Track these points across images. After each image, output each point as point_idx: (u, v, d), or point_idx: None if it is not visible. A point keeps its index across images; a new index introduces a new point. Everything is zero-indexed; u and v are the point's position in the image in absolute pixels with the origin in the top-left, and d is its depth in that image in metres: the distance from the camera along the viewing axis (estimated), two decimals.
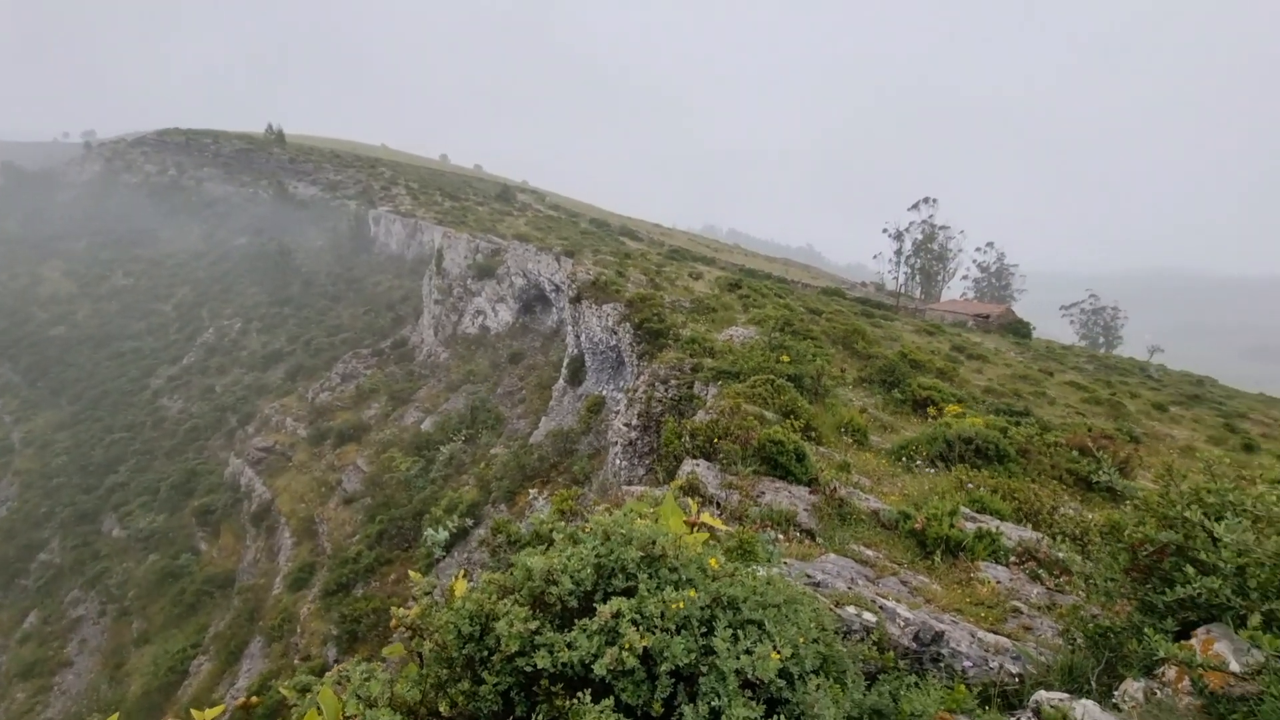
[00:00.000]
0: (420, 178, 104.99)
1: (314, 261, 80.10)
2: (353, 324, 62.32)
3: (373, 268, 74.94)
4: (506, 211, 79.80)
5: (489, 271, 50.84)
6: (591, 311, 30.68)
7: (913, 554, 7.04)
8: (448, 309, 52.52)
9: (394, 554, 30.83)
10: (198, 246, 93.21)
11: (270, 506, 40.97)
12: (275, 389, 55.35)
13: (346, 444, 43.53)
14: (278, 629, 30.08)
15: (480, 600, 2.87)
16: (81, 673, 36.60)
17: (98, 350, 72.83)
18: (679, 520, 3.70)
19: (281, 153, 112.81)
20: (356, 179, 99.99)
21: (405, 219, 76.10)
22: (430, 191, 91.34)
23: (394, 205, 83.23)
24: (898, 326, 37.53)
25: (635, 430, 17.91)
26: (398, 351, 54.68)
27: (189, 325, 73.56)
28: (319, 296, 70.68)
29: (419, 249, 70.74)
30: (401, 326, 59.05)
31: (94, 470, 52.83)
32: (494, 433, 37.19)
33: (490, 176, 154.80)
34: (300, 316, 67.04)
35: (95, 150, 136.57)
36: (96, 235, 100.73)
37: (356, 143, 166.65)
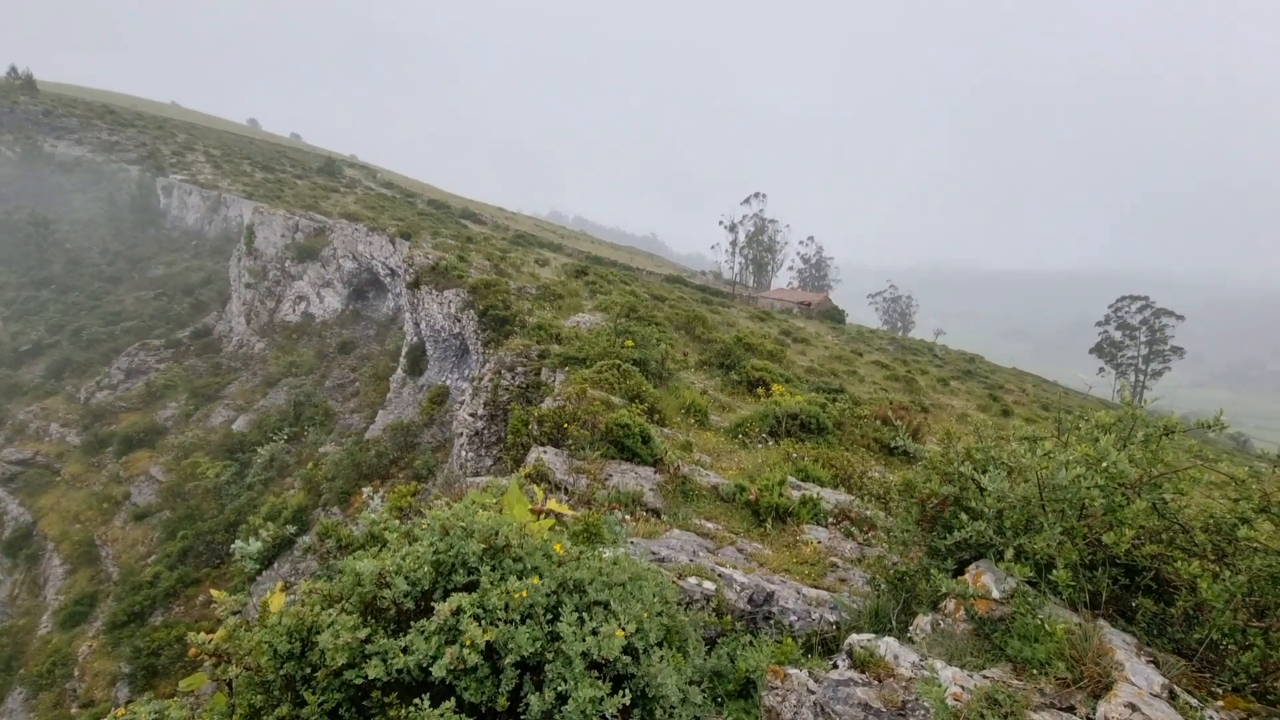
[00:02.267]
0: (224, 144, 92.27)
1: (82, 235, 67.27)
2: (139, 310, 53.39)
3: (164, 245, 64.69)
4: (332, 188, 72.81)
5: (312, 253, 46.14)
6: (432, 298, 29.11)
7: (748, 523, 7.58)
8: (262, 294, 46.90)
9: (202, 572, 27.15)
10: None
11: (31, 531, 34.11)
12: (33, 389, 45.92)
13: (135, 450, 37.39)
14: (46, 675, 25.22)
15: (300, 614, 2.59)
16: None
17: None
18: (524, 509, 3.62)
19: (31, 103, 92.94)
20: (139, 140, 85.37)
21: (206, 190, 66.45)
22: (237, 160, 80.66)
23: (190, 174, 72.30)
24: (734, 313, 40.08)
25: (482, 420, 17.37)
26: (200, 342, 47.87)
27: None
28: (91, 278, 59.58)
29: (224, 225, 62.26)
30: (204, 314, 51.74)
31: None
32: (323, 429, 34.06)
33: (310, 148, 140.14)
34: (65, 301, 56.06)
35: None
36: None
37: (137, 98, 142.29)
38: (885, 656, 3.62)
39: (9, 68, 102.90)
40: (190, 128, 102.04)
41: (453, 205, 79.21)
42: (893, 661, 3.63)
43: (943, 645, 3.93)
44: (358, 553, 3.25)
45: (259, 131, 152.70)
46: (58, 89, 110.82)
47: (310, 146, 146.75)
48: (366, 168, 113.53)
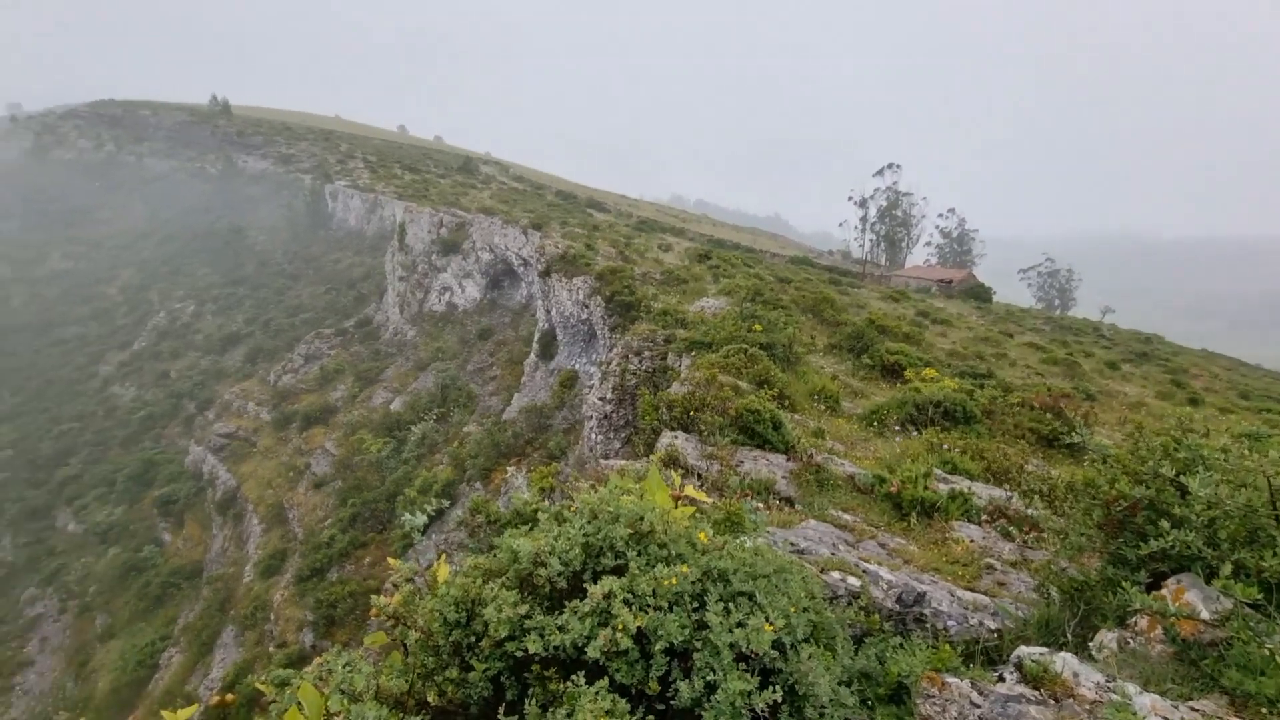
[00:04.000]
0: (378, 150, 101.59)
1: (269, 239, 77.29)
2: (313, 303, 60.55)
3: (331, 244, 72.67)
4: (470, 184, 77.88)
5: (454, 246, 49.73)
6: (561, 285, 30.31)
7: (889, 516, 7.17)
8: (413, 286, 51.34)
9: (368, 537, 30.50)
10: (141, 226, 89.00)
11: (236, 494, 40.06)
12: (235, 372, 53.72)
13: (313, 427, 42.61)
14: (250, 617, 29.65)
15: (465, 585, 2.77)
16: (44, 671, 35.64)
17: (38, 337, 69.44)
18: (664, 495, 3.64)
19: (228, 125, 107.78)
20: (311, 152, 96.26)
21: (364, 193, 73.71)
22: (389, 164, 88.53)
23: (352, 179, 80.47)
24: (864, 294, 38.00)
25: (610, 404, 17.86)
26: (362, 331, 53.42)
27: (138, 309, 70.56)
28: (276, 275, 68.38)
29: (380, 224, 68.73)
30: (365, 305, 57.59)
31: (43, 464, 50.77)
32: (466, 411, 36.79)
33: (451, 148, 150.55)
34: (257, 297, 64.86)
35: (23, 124, 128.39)
36: (29, 215, 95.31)
37: (308, 114, 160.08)
38: (1063, 674, 3.25)
39: (210, 96, 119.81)
40: (351, 137, 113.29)
41: (578, 195, 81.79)
42: (1072, 680, 3.26)
43: (1134, 667, 3.46)
44: (511, 531, 3.43)
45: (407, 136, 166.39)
46: (247, 111, 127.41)
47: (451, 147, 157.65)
48: (500, 164, 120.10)
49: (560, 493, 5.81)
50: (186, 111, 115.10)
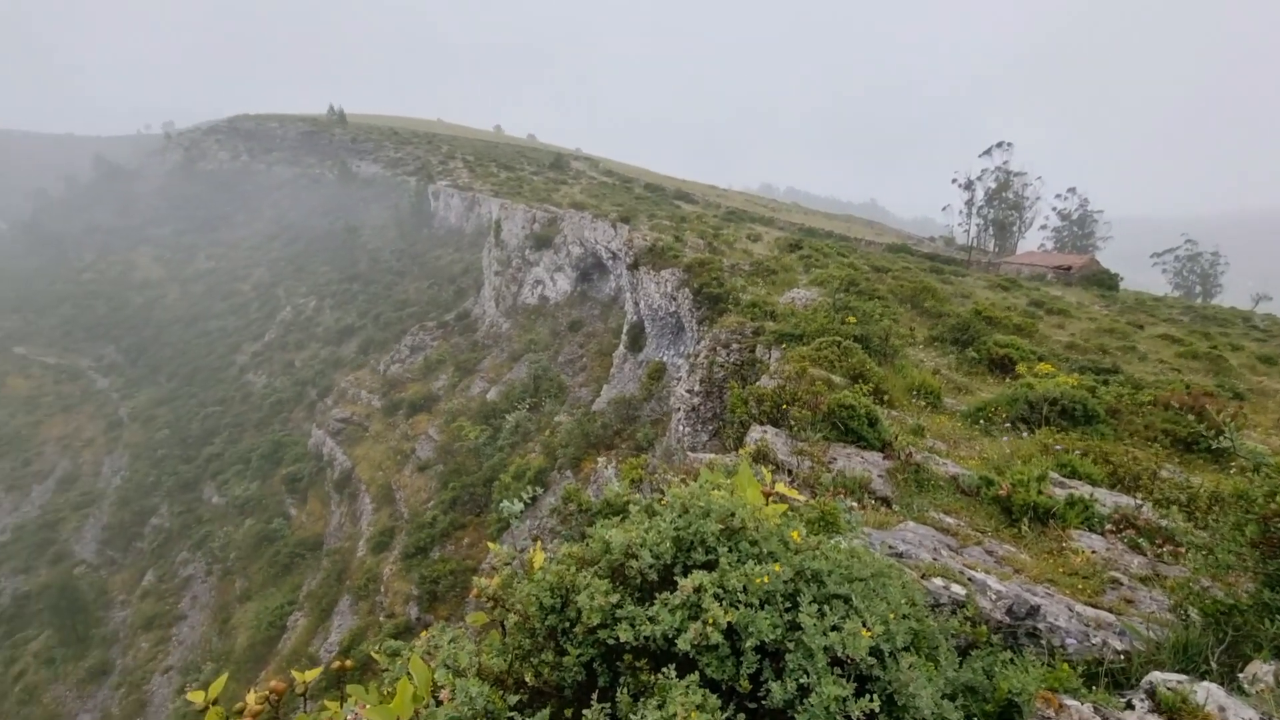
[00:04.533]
0: (476, 150, 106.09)
1: (379, 238, 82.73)
2: (418, 298, 64.32)
3: (434, 242, 76.77)
4: (561, 180, 79.82)
5: (546, 241, 51.20)
6: (650, 278, 30.49)
7: (996, 522, 6.72)
8: (507, 280, 53.38)
9: (467, 519, 32.17)
10: (270, 229, 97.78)
11: (351, 474, 43.37)
12: (349, 362, 58.06)
13: (418, 414, 45.37)
14: (363, 588, 32.10)
15: (560, 573, 2.86)
16: (194, 625, 40.29)
17: (187, 329, 78.12)
18: (756, 491, 3.58)
19: (343, 133, 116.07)
20: (415, 155, 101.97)
21: (463, 192, 77.29)
22: (486, 164, 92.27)
23: (452, 179, 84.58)
24: (969, 282, 35.64)
25: (698, 396, 17.82)
26: (461, 323, 56.18)
27: (268, 304, 77.74)
28: (385, 272, 73.17)
29: (477, 221, 71.87)
30: (464, 299, 60.52)
31: (192, 442, 57.20)
32: (557, 401, 37.89)
33: (543, 145, 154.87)
34: (369, 292, 69.70)
35: (174, 140, 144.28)
36: (180, 221, 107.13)
37: (413, 118, 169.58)
38: (1205, 706, 2.93)
39: (328, 107, 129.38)
40: (451, 139, 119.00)
41: (666, 187, 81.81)
42: (1217, 714, 2.93)
43: None
44: (603, 521, 3.49)
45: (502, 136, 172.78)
46: (359, 119, 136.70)
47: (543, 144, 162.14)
48: (590, 159, 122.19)
49: (649, 484, 5.86)
50: (308, 122, 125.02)
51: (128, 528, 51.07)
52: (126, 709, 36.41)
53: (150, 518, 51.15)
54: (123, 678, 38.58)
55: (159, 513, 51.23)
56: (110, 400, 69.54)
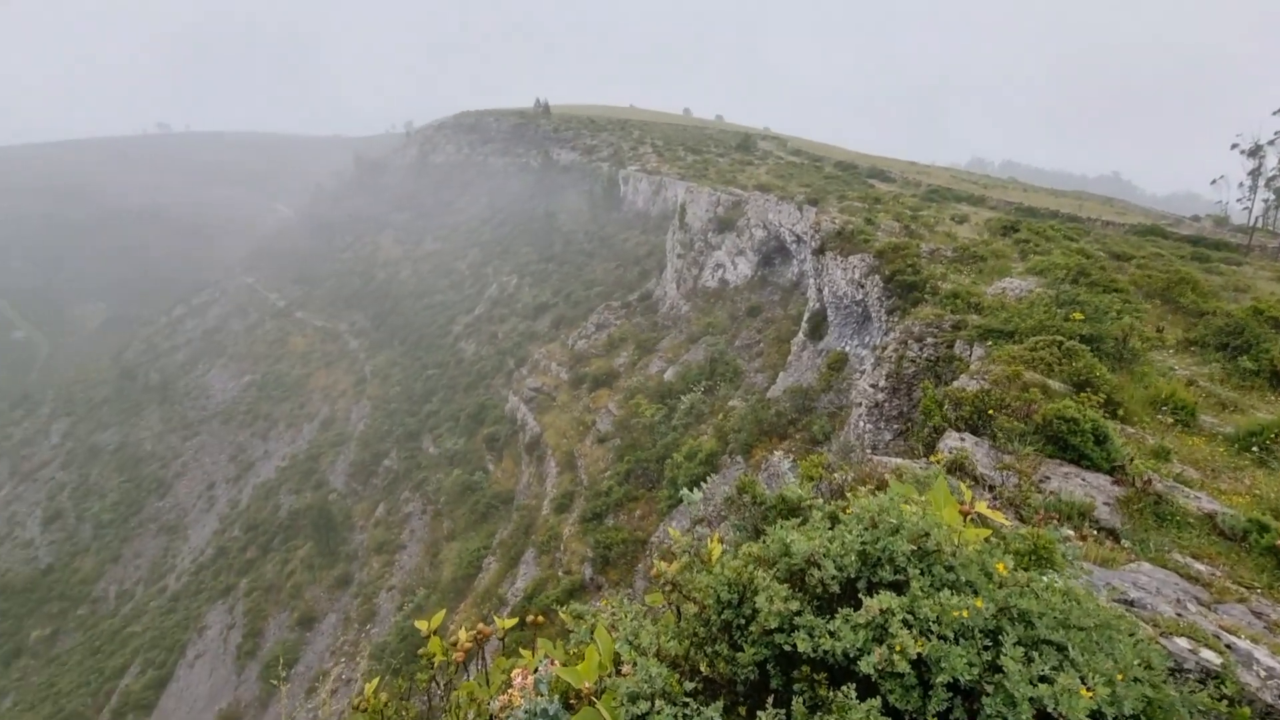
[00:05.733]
0: (665, 134, 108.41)
1: (573, 221, 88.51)
2: (605, 278, 67.93)
3: (622, 225, 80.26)
4: (747, 161, 78.70)
5: (729, 224, 51.00)
6: (836, 263, 29.05)
7: (1269, 577, 5.47)
8: (689, 263, 54.18)
9: (639, 492, 33.66)
10: (484, 213, 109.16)
11: (539, 439, 47.48)
12: (543, 336, 63.28)
13: (600, 389, 48.18)
14: (546, 544, 35.17)
15: (738, 569, 2.89)
16: (412, 554, 47.25)
17: (416, 302, 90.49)
18: (953, 510, 3.30)
19: (547, 124, 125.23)
20: (609, 141, 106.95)
21: (651, 176, 79.61)
22: (674, 147, 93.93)
23: (641, 164, 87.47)
24: (1248, 273, 28.84)
25: (883, 392, 16.72)
26: (643, 304, 58.32)
27: (479, 281, 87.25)
28: (577, 253, 78.21)
29: (663, 205, 73.69)
30: (647, 280, 62.67)
31: (416, 399, 66.56)
32: (732, 385, 37.90)
33: (730, 126, 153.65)
34: (563, 272, 75.10)
35: (412, 137, 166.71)
36: (414, 209, 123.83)
37: (609, 106, 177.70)
38: None
39: (535, 99, 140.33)
40: (642, 124, 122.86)
41: (860, 165, 76.86)
42: None
43: None
44: (782, 522, 3.46)
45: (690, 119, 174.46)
46: (562, 110, 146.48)
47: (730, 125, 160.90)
48: (777, 138, 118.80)
49: (827, 484, 5.67)
50: (518, 115, 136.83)
51: (367, 466, 61.15)
52: (360, 614, 43.97)
53: (383, 460, 60.69)
54: (359, 589, 46.61)
55: (389, 456, 60.58)
56: (358, 359, 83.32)
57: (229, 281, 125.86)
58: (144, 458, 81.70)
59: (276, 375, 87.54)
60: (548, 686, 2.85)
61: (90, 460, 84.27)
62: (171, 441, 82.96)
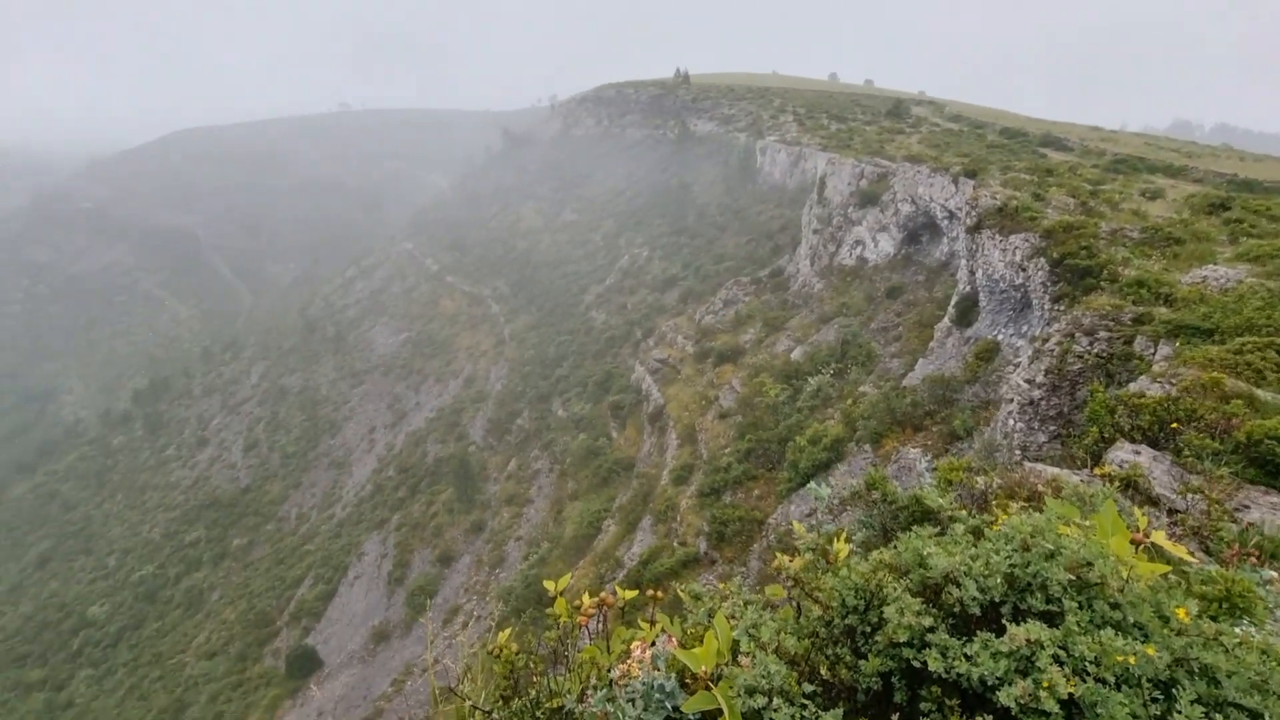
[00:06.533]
0: (808, 102, 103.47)
1: (707, 194, 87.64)
2: (735, 253, 66.86)
3: (756, 198, 78.24)
4: (897, 129, 73.19)
5: (872, 198, 47.98)
6: (993, 243, 26.46)
7: None
8: (825, 239, 51.83)
9: (759, 472, 33.30)
10: (620, 185, 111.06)
11: (662, 410, 48.27)
12: (670, 309, 63.78)
13: (724, 364, 47.90)
14: (663, 513, 35.96)
15: (867, 575, 2.78)
16: (538, 509, 50.36)
17: (552, 271, 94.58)
18: (1123, 538, 2.94)
19: (686, 94, 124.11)
20: (748, 111, 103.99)
21: (790, 147, 76.58)
22: (817, 115, 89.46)
23: (780, 134, 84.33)
24: None
25: (1040, 389, 15.14)
26: (774, 280, 56.79)
27: (611, 252, 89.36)
28: (709, 227, 77.52)
29: (801, 177, 70.77)
30: (779, 256, 60.86)
31: (548, 363, 70.07)
32: (864, 369, 36.10)
33: (881, 92, 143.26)
34: (693, 245, 74.89)
35: (556, 111, 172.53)
36: (555, 180, 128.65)
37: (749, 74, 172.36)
38: None
39: (675, 69, 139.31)
40: (783, 92, 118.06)
41: (1030, 132, 68.74)
42: None
43: None
44: (917, 529, 3.27)
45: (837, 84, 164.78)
46: (702, 80, 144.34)
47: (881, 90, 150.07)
48: (934, 103, 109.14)
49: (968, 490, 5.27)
50: (657, 86, 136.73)
51: (502, 423, 65.66)
52: (491, 559, 47.79)
53: (517, 419, 64.83)
54: (491, 535, 50.58)
55: (522, 416, 64.57)
56: (499, 323, 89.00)
57: (392, 247, 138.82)
58: (320, 400, 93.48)
59: (429, 334, 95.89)
60: (665, 664, 2.94)
61: (280, 399, 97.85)
62: (342, 388, 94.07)
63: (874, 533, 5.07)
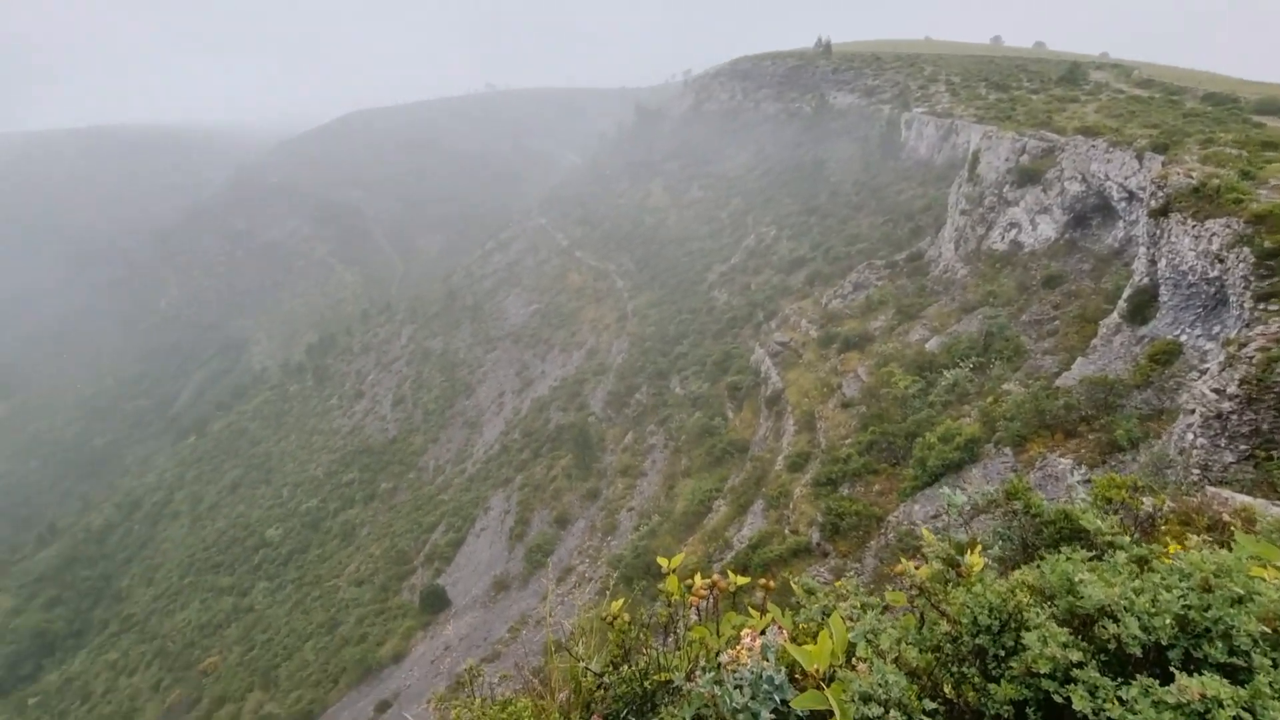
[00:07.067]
0: (964, 69, 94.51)
1: (842, 171, 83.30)
2: (870, 234, 63.21)
3: (898, 175, 73.23)
4: (1070, 98, 64.94)
5: (1034, 176, 43.20)
6: (1184, 228, 22.95)
7: None
8: (975, 220, 47.53)
9: (881, 466, 31.69)
10: (750, 161, 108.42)
11: (780, 395, 47.18)
12: (795, 291, 61.78)
13: (850, 351, 45.77)
14: (775, 499, 35.36)
15: (1004, 596, 2.57)
16: (651, 483, 51.40)
17: (677, 248, 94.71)
18: None
19: (826, 64, 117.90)
20: (894, 81, 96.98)
21: (939, 119, 70.60)
22: (974, 84, 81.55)
23: (930, 105, 77.91)
24: None
25: (1232, 400, 13.06)
26: (911, 265, 53.12)
27: (737, 231, 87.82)
28: (842, 206, 73.78)
29: (951, 153, 65.18)
30: (919, 238, 56.75)
31: (668, 340, 70.66)
32: (1010, 365, 32.98)
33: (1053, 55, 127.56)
34: (824, 225, 71.72)
35: (689, 86, 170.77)
36: (684, 157, 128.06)
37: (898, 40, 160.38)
38: None
39: (815, 39, 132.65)
40: (936, 59, 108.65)
41: (1243, 97, 58.26)
42: None
43: None
44: (1067, 551, 2.96)
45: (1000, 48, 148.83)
46: (845, 49, 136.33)
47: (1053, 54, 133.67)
48: (1119, 66, 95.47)
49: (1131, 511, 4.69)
50: (796, 57, 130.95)
51: (621, 396, 67.38)
52: (604, 526, 49.61)
53: (635, 393, 66.23)
54: (605, 503, 52.43)
55: (640, 390, 65.84)
56: (622, 298, 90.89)
57: (527, 222, 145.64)
58: (458, 364, 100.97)
59: (556, 306, 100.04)
60: (775, 656, 2.91)
61: (424, 360, 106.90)
62: (477, 353, 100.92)
63: (1012, 547, 4.67)
